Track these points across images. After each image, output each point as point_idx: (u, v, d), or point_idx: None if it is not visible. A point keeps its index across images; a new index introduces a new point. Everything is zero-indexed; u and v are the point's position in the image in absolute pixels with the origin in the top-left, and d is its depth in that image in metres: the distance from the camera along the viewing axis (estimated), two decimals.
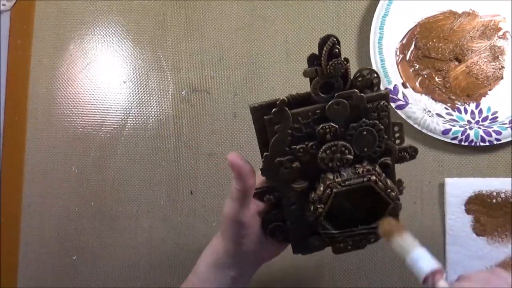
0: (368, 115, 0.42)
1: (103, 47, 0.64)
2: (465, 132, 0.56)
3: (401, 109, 0.57)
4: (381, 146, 0.43)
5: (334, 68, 0.40)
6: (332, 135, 0.42)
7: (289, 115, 0.41)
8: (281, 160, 0.43)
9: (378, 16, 0.58)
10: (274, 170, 0.43)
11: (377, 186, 0.42)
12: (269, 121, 0.42)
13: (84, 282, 0.61)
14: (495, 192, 0.56)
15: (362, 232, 0.44)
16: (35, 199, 0.62)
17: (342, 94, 0.41)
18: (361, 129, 0.42)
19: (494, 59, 0.58)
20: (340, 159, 0.42)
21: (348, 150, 0.42)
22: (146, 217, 0.61)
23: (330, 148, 0.42)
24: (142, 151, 0.62)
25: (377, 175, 0.42)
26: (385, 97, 0.42)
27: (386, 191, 0.42)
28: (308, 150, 0.42)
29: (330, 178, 0.42)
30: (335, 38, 0.39)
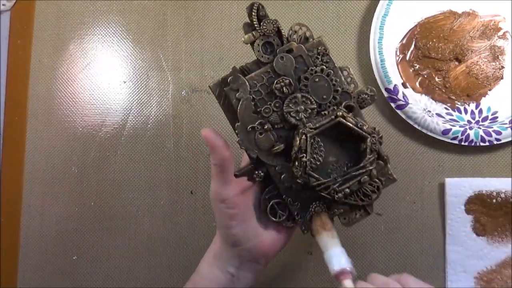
0: (313, 62, 0.45)
1: (103, 47, 0.64)
2: (465, 132, 0.56)
3: (401, 109, 0.57)
4: (337, 89, 0.46)
5: (267, 26, 0.45)
6: (288, 88, 0.45)
7: (244, 81, 0.45)
8: (252, 126, 0.45)
9: (378, 16, 0.58)
10: (250, 138, 0.46)
11: (346, 120, 0.44)
12: (228, 90, 0.45)
13: (84, 282, 0.61)
14: (495, 192, 0.56)
15: (354, 174, 0.45)
16: (35, 199, 0.62)
17: (282, 48, 0.45)
18: (312, 77, 0.45)
19: (494, 59, 0.58)
20: (305, 110, 0.45)
21: (309, 101, 0.45)
22: (146, 217, 0.61)
23: (291, 101, 0.45)
24: (142, 151, 0.62)
25: (343, 111, 0.44)
26: (320, 43, 0.46)
27: (357, 125, 0.44)
28: (273, 109, 0.45)
29: (301, 127, 0.45)
30: (258, 2, 0.45)
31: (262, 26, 0.45)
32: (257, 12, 0.45)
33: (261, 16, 0.45)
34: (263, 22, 0.45)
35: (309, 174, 0.44)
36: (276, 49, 0.45)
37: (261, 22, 0.45)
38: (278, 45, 0.46)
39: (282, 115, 0.46)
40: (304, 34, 0.46)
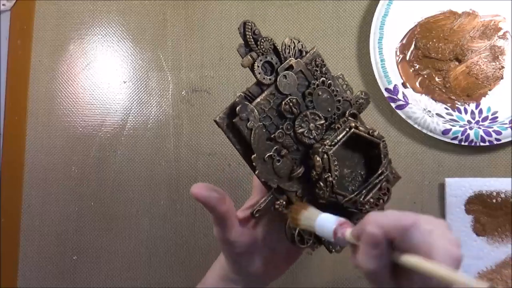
0: (313, 75, 0.44)
1: (103, 47, 0.64)
2: (465, 132, 0.56)
3: (401, 109, 0.57)
4: (339, 99, 0.45)
5: (264, 44, 0.42)
6: (297, 107, 0.44)
7: (253, 108, 0.43)
8: (270, 155, 0.43)
9: (378, 16, 0.58)
10: (269, 168, 0.43)
11: (359, 130, 0.44)
12: (239, 121, 0.42)
13: (84, 282, 0.61)
14: (495, 192, 0.56)
15: (375, 182, 0.44)
16: (35, 199, 0.62)
17: (283, 66, 0.43)
18: (315, 91, 0.44)
19: (494, 59, 0.58)
20: (316, 128, 0.44)
21: (318, 116, 0.44)
22: (146, 217, 0.61)
23: (302, 120, 0.44)
24: (142, 151, 0.62)
25: (354, 122, 0.44)
26: (316, 54, 0.45)
27: (369, 132, 0.44)
28: (286, 132, 0.44)
29: (319, 146, 0.44)
30: (250, 21, 0.42)
31: (260, 45, 0.42)
32: (251, 31, 0.42)
33: (255, 35, 0.42)
34: (260, 41, 0.42)
35: (336, 193, 0.43)
36: (276, 68, 0.43)
37: (257, 42, 0.42)
38: (277, 63, 0.43)
39: (295, 137, 0.44)
40: (298, 47, 0.45)
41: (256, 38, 0.42)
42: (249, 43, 0.42)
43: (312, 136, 0.44)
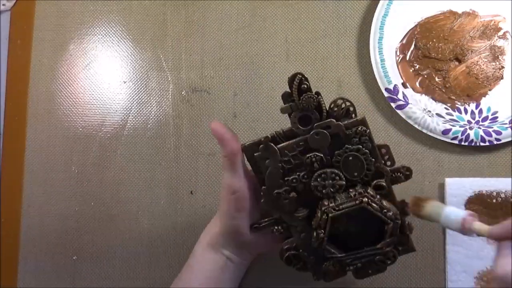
0: (350, 141, 0.44)
1: (103, 47, 0.64)
2: (465, 132, 0.56)
3: (401, 109, 0.57)
4: (370, 169, 0.45)
5: (306, 102, 0.43)
6: (319, 163, 0.44)
7: (275, 150, 0.44)
8: (278, 192, 0.45)
9: (378, 16, 0.58)
10: (275, 202, 0.46)
11: (371, 206, 0.43)
12: (259, 157, 0.45)
13: (84, 282, 0.61)
14: (495, 192, 0.56)
15: (369, 253, 0.45)
16: (35, 199, 0.62)
17: (320, 124, 0.44)
18: (346, 155, 0.44)
19: (494, 59, 0.58)
20: (333, 186, 0.44)
21: (338, 176, 0.44)
22: (146, 217, 0.61)
23: (320, 175, 0.44)
24: (142, 151, 0.62)
25: (369, 197, 0.43)
26: (362, 122, 0.44)
27: (382, 211, 0.44)
28: (301, 180, 0.45)
29: (326, 204, 0.44)
30: (301, 75, 0.43)
31: (302, 101, 0.43)
32: (298, 85, 0.43)
33: (303, 89, 0.43)
34: (304, 96, 0.43)
35: (324, 248, 0.45)
36: (313, 124, 0.44)
37: (301, 96, 0.43)
38: (317, 119, 0.44)
39: (309, 187, 0.45)
40: (347, 108, 0.45)
41: (302, 92, 0.43)
42: (292, 95, 0.43)
43: (325, 191, 0.45)
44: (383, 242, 0.45)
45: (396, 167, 0.47)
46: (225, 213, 0.48)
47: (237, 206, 0.47)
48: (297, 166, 0.45)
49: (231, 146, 0.45)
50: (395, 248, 0.47)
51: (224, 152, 0.46)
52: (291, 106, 0.44)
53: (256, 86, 0.61)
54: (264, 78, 0.61)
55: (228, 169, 0.46)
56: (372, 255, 0.46)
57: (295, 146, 0.44)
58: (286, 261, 0.49)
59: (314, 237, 0.45)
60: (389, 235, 0.44)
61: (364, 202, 0.43)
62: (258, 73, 0.61)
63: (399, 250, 0.48)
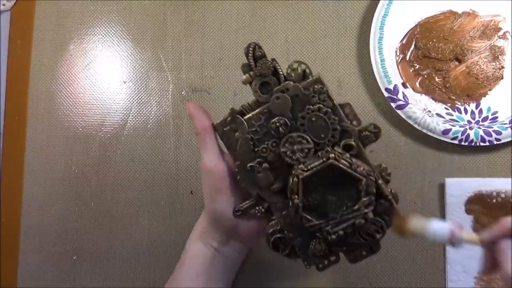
0: (310, 101, 0.45)
1: (103, 47, 0.64)
2: (465, 132, 0.56)
3: (401, 109, 0.57)
4: (336, 128, 0.45)
5: (262, 68, 0.45)
6: (284, 128, 0.45)
7: (242, 121, 0.45)
8: (251, 165, 0.46)
9: (378, 16, 0.58)
10: (250, 176, 0.46)
11: (339, 163, 0.43)
12: (228, 131, 0.46)
13: (84, 282, 0.61)
14: (495, 192, 0.56)
15: (348, 216, 0.44)
16: (35, 199, 0.62)
17: (278, 88, 0.45)
18: (309, 116, 0.45)
19: (494, 59, 0.58)
20: (302, 150, 0.45)
21: (305, 140, 0.45)
22: (146, 217, 0.61)
23: (287, 140, 0.45)
24: (142, 151, 0.62)
25: (337, 154, 0.43)
26: (318, 81, 0.45)
27: (351, 167, 0.43)
28: (270, 148, 0.46)
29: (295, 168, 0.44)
30: (254, 43, 0.45)
31: (258, 67, 0.45)
32: (253, 52, 0.45)
33: (258, 56, 0.45)
34: (259, 62, 0.45)
35: (301, 216, 0.44)
36: (272, 89, 0.45)
37: (257, 62, 0.45)
38: (275, 84, 0.45)
39: (279, 155, 0.45)
40: (304, 71, 0.46)
41: (257, 59, 0.45)
42: (249, 63, 0.45)
43: (295, 157, 0.45)
44: (360, 201, 0.43)
45: (363, 126, 0.46)
46: (205, 196, 0.48)
47: (215, 185, 0.47)
48: (265, 135, 0.46)
49: (202, 121, 0.46)
50: (382, 218, 0.46)
51: (195, 128, 0.46)
52: (250, 74, 0.45)
53: None
54: None
55: (201, 146, 0.47)
56: (351, 218, 0.44)
57: (260, 115, 0.45)
58: (273, 246, 0.48)
59: (291, 206, 0.44)
60: (365, 193, 0.43)
61: (332, 158, 0.43)
62: None
63: (387, 220, 0.46)
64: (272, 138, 0.46)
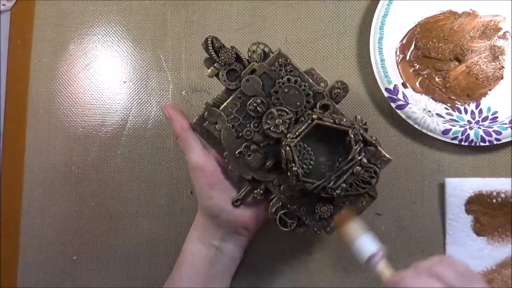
0: (278, 75, 0.47)
1: (103, 47, 0.64)
2: (465, 132, 0.56)
3: (401, 109, 0.57)
4: (309, 93, 0.47)
5: (225, 56, 0.47)
6: (261, 107, 0.47)
7: (220, 112, 0.47)
8: (240, 151, 0.47)
9: (378, 16, 0.58)
10: (241, 163, 0.47)
11: (324, 121, 0.45)
12: (208, 125, 0.47)
13: (84, 282, 0.61)
14: (495, 192, 0.56)
15: (346, 167, 0.45)
16: (35, 199, 0.62)
17: (245, 71, 0.47)
18: (281, 89, 0.47)
19: (494, 59, 0.58)
20: (284, 122, 0.46)
21: (285, 112, 0.47)
22: (146, 217, 0.61)
23: (268, 117, 0.47)
24: (142, 151, 0.62)
25: (318, 114, 0.45)
26: (280, 55, 0.47)
27: (335, 121, 0.45)
28: (253, 130, 0.47)
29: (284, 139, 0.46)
30: (211, 36, 0.47)
31: (221, 57, 0.47)
32: (212, 45, 0.47)
33: (218, 47, 0.47)
34: (221, 52, 0.47)
35: (303, 181, 0.45)
36: (240, 74, 0.47)
37: (218, 53, 0.47)
38: (241, 69, 0.47)
39: (263, 133, 0.47)
40: (263, 51, 0.48)
41: (217, 50, 0.47)
42: (211, 56, 0.47)
43: (280, 130, 0.46)
44: (352, 151, 0.45)
45: (331, 85, 0.49)
46: (200, 195, 0.48)
47: (208, 181, 0.47)
48: (245, 118, 0.47)
49: (180, 122, 0.47)
50: (372, 163, 0.48)
51: (175, 131, 0.47)
52: (215, 66, 0.47)
53: None
54: None
55: (185, 147, 0.48)
56: (349, 168, 0.45)
57: (235, 101, 0.47)
58: (280, 223, 0.49)
59: (290, 176, 0.45)
60: (354, 141, 0.45)
61: (316, 119, 0.45)
62: None
63: (377, 164, 0.48)
64: (252, 119, 0.47)
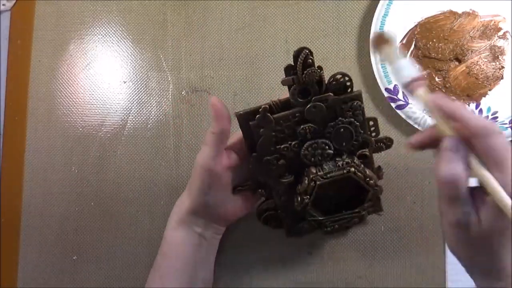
0: (344, 114, 0.46)
1: (103, 47, 0.64)
2: None
3: (401, 109, 0.57)
4: (358, 140, 0.47)
5: (308, 77, 0.44)
6: (311, 134, 0.46)
7: (271, 120, 0.46)
8: (268, 159, 0.47)
9: (378, 16, 0.58)
10: (263, 168, 0.48)
11: (356, 176, 0.46)
12: (254, 126, 0.46)
13: (84, 282, 0.61)
14: None
15: (346, 216, 0.49)
16: (35, 199, 0.62)
17: (319, 98, 0.45)
18: (338, 127, 0.46)
19: (494, 59, 0.58)
20: (321, 154, 0.47)
21: (328, 146, 0.46)
22: (146, 217, 0.61)
23: (311, 145, 0.46)
24: (142, 151, 0.62)
25: (355, 166, 0.46)
26: (358, 97, 0.46)
27: (365, 179, 0.46)
28: (292, 149, 0.47)
29: (313, 171, 0.46)
30: (308, 50, 0.43)
31: (306, 76, 0.44)
32: (304, 59, 0.43)
33: (308, 64, 0.43)
34: (307, 71, 0.43)
35: (308, 212, 0.48)
36: (312, 96, 0.45)
37: (305, 70, 0.43)
38: (315, 92, 0.45)
39: (298, 155, 0.47)
40: (345, 83, 0.46)
41: (306, 66, 0.44)
42: (296, 69, 0.44)
43: (314, 160, 0.47)
44: (362, 206, 0.48)
45: (379, 138, 0.50)
46: (197, 188, 0.49)
47: (210, 182, 0.48)
48: (290, 135, 0.47)
49: (224, 124, 0.46)
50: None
51: (215, 129, 0.46)
52: (293, 79, 0.44)
53: (256, 86, 0.61)
54: (264, 78, 0.61)
55: (211, 145, 0.47)
56: (350, 217, 0.49)
57: (291, 116, 0.46)
58: (263, 220, 0.52)
59: (299, 202, 0.47)
60: (368, 200, 0.48)
61: (351, 172, 0.46)
62: (258, 73, 0.61)
63: (369, 210, 0.52)
64: (296, 139, 0.47)
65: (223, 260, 0.58)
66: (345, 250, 0.58)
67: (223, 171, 0.48)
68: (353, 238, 0.58)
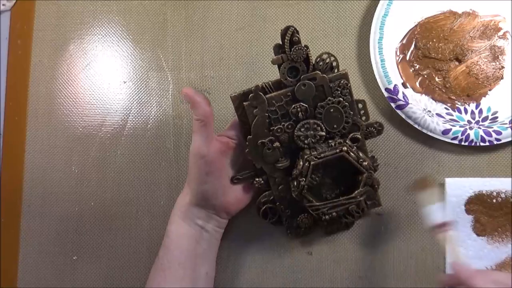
0: (332, 93, 0.48)
1: (103, 47, 0.64)
2: (465, 132, 0.56)
3: (401, 109, 0.57)
4: (348, 121, 0.48)
5: (296, 53, 0.46)
6: (303, 114, 0.47)
7: (264, 99, 0.47)
8: (263, 141, 0.48)
9: (378, 16, 0.58)
10: (258, 151, 0.48)
11: (349, 155, 0.47)
12: (248, 106, 0.47)
13: (84, 282, 0.61)
14: (495, 192, 0.56)
15: (343, 202, 0.49)
16: (35, 199, 0.62)
17: (307, 76, 0.47)
18: (328, 107, 0.48)
19: (494, 59, 0.58)
20: (314, 136, 0.48)
21: (320, 127, 0.48)
22: (146, 217, 0.61)
23: (303, 126, 0.48)
24: (142, 151, 0.62)
25: (348, 147, 0.47)
26: (344, 76, 0.48)
27: (358, 160, 0.47)
28: (285, 130, 0.48)
29: (307, 153, 0.47)
30: (293, 27, 0.45)
31: (293, 52, 0.46)
32: (291, 36, 0.45)
33: (294, 41, 0.46)
34: (294, 48, 0.46)
35: (303, 196, 0.48)
36: (301, 75, 0.47)
37: (292, 47, 0.46)
38: (304, 71, 0.47)
39: (292, 137, 0.48)
40: (331, 63, 0.48)
41: (292, 44, 0.46)
42: (284, 46, 0.46)
43: (307, 142, 0.48)
44: (357, 191, 0.48)
45: (370, 122, 0.51)
46: (195, 178, 0.49)
47: (206, 169, 0.48)
48: (283, 116, 0.48)
49: (204, 108, 0.47)
50: (365, 203, 0.51)
51: (196, 115, 0.47)
52: (282, 57, 0.46)
53: None
54: (264, 78, 0.61)
55: (198, 132, 0.47)
56: (347, 203, 0.49)
57: (283, 96, 0.47)
58: (262, 214, 0.53)
59: (295, 186, 0.48)
60: (363, 184, 0.48)
61: (344, 151, 0.47)
62: (258, 73, 0.61)
63: (368, 205, 0.52)
64: (289, 120, 0.48)
65: (223, 260, 0.58)
66: (345, 250, 0.58)
67: (217, 155, 0.49)
68: (353, 238, 0.58)
